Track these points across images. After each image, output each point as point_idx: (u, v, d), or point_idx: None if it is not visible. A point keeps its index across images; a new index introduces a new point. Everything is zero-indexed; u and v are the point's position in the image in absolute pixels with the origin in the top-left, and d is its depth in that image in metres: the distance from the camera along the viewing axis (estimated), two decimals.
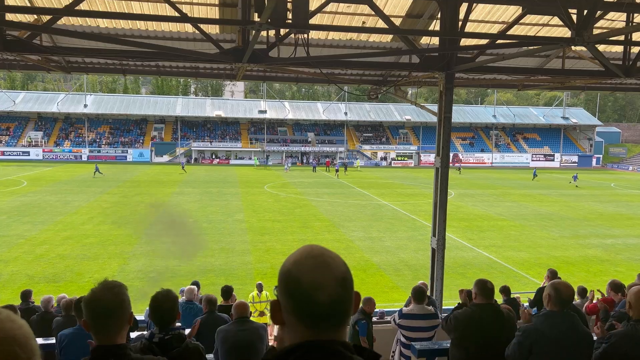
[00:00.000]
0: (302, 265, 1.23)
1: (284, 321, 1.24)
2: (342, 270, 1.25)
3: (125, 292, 2.31)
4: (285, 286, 1.22)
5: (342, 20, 8.73)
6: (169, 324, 3.04)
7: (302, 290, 1.20)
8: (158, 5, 7.85)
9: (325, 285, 1.20)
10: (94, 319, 2.21)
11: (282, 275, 1.25)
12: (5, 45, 6.91)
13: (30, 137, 64.35)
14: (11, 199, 30.86)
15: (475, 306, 4.46)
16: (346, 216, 27.83)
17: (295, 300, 1.21)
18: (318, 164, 61.94)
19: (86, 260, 17.74)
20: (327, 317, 1.21)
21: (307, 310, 1.20)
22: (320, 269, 1.22)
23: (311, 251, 1.27)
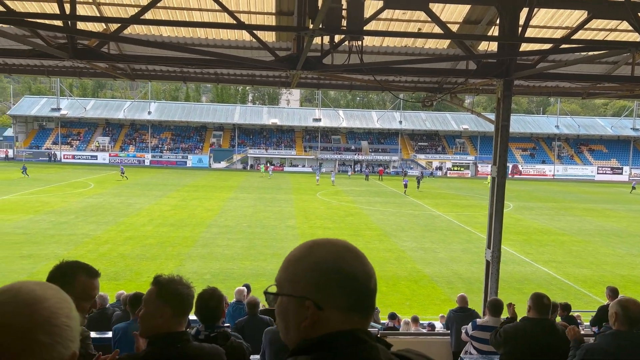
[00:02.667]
0: (349, 260, 1.21)
1: (319, 319, 1.18)
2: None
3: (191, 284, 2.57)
4: (337, 283, 1.18)
5: (398, 27, 8.68)
6: (214, 321, 3.12)
7: (360, 282, 1.19)
8: (217, 14, 8.12)
9: (372, 273, 1.23)
10: (180, 309, 2.38)
11: (329, 274, 1.19)
12: (76, 53, 7.36)
13: (98, 142, 68.09)
14: (79, 200, 32.70)
15: (526, 320, 4.25)
16: (398, 226, 27.47)
17: (354, 294, 1.19)
18: (371, 173, 61.64)
19: (145, 261, 18.46)
20: (374, 303, 1.24)
21: (365, 301, 1.21)
22: (361, 259, 1.24)
23: (341, 244, 1.26)
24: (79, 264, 2.43)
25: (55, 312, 1.00)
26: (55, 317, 1.00)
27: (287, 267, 1.24)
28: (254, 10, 8.26)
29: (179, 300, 2.37)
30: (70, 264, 2.42)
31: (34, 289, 1.02)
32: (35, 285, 1.03)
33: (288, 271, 1.23)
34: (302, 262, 1.22)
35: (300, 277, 1.20)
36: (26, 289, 1.01)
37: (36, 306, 0.99)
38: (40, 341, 0.96)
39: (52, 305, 1.01)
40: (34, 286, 1.03)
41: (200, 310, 3.16)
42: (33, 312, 0.97)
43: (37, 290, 1.02)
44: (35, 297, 1.00)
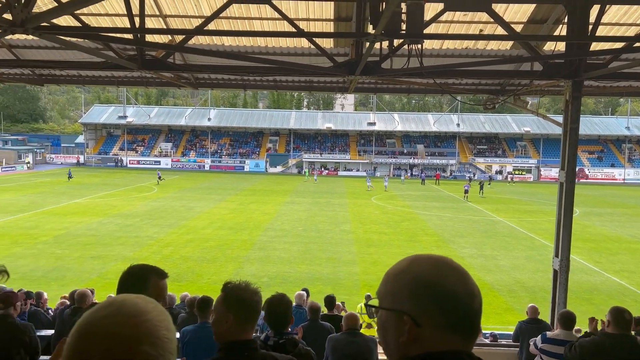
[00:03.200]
0: (450, 277, 1.19)
1: (418, 338, 1.17)
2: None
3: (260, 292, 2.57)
4: (435, 301, 1.16)
5: (458, 29, 8.49)
6: (283, 327, 3.15)
7: (461, 301, 1.17)
8: (277, 22, 8.27)
9: (476, 293, 1.20)
10: (243, 315, 2.39)
11: (426, 290, 1.17)
12: (144, 64, 7.71)
13: (161, 148, 71.08)
14: (143, 203, 34.21)
15: (605, 336, 4.01)
16: (457, 231, 26.80)
17: (454, 313, 1.16)
18: (427, 177, 60.54)
19: (205, 263, 19.03)
20: (479, 323, 1.21)
21: (465, 321, 1.17)
22: (465, 278, 1.21)
23: (443, 261, 1.24)
24: (149, 266, 2.51)
25: (157, 324, 1.03)
26: (157, 330, 1.02)
27: (387, 281, 1.24)
28: (312, 17, 8.35)
29: (241, 306, 2.39)
30: (142, 267, 2.49)
31: (136, 302, 1.05)
32: (137, 299, 1.07)
33: (388, 285, 1.23)
34: (401, 277, 1.21)
35: (399, 291, 1.20)
36: (130, 302, 1.04)
37: (140, 318, 1.01)
38: (145, 352, 0.98)
39: (154, 317, 1.03)
40: (136, 299, 1.06)
41: (270, 316, 3.20)
42: (138, 323, 1.00)
43: (139, 303, 1.05)
44: (138, 309, 1.03)
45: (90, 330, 0.99)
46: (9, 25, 5.11)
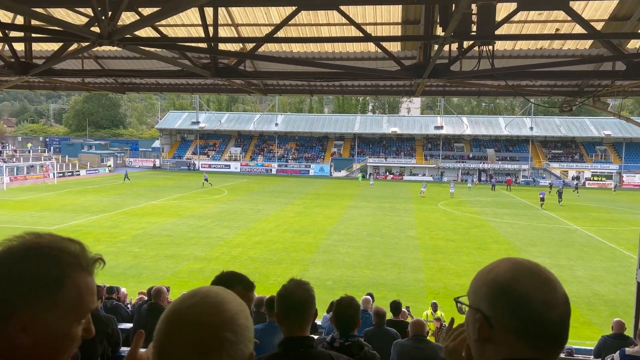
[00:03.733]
0: (526, 282, 1.17)
1: (492, 339, 1.18)
2: (563, 287, 1.21)
3: (312, 289, 2.57)
4: (506, 304, 1.16)
5: (533, 29, 8.16)
6: (350, 330, 3.18)
7: (533, 308, 1.14)
8: (344, 28, 8.34)
9: (557, 304, 1.16)
10: (287, 311, 2.46)
11: (499, 292, 1.18)
12: (217, 72, 8.05)
13: (231, 152, 73.58)
14: (214, 205, 35.52)
15: None
16: (529, 240, 25.63)
17: (523, 319, 1.14)
18: (497, 182, 58.33)
19: (272, 264, 19.45)
20: (556, 337, 1.16)
21: (537, 330, 1.14)
22: (548, 286, 1.17)
23: (528, 266, 1.21)
24: (236, 275, 2.59)
25: (237, 313, 1.11)
26: (238, 318, 1.10)
27: (473, 280, 1.28)
28: (380, 22, 8.34)
29: (283, 303, 2.48)
30: (229, 275, 2.58)
31: (218, 293, 1.14)
32: (218, 290, 1.15)
33: (472, 283, 1.26)
34: (483, 276, 1.24)
35: (478, 290, 1.22)
36: (213, 293, 1.13)
37: (222, 307, 1.09)
38: (227, 338, 1.06)
39: (235, 307, 1.12)
40: (217, 290, 1.15)
41: (337, 318, 3.24)
42: (220, 312, 1.08)
43: (221, 293, 1.14)
44: (220, 299, 1.11)
45: (177, 318, 1.08)
46: (97, 37, 5.53)
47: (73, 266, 1.11)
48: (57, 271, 1.08)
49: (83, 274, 1.13)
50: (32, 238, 1.11)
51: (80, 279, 1.12)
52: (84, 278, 1.13)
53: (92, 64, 10.39)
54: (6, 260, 1.06)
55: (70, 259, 1.11)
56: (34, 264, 1.07)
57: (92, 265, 1.16)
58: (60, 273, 1.09)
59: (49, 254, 1.09)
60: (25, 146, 74.58)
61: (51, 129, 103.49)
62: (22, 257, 1.07)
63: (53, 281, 1.07)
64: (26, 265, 1.06)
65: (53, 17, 5.57)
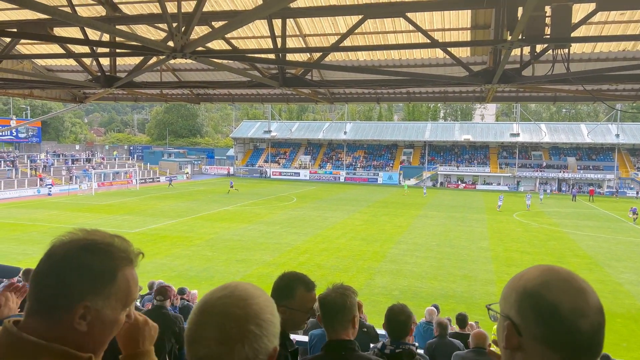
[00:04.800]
0: (556, 289, 1.14)
1: (522, 347, 1.15)
2: (597, 296, 1.16)
3: (350, 294, 2.56)
4: (534, 311, 1.13)
5: (614, 30, 7.68)
6: (401, 337, 3.14)
7: (562, 317, 1.11)
8: (411, 34, 8.28)
9: (587, 312, 1.12)
10: (323, 315, 2.51)
11: (527, 299, 1.16)
12: (285, 82, 8.26)
13: (300, 160, 74.85)
14: (284, 212, 36.22)
15: None
16: (614, 254, 23.87)
17: (551, 328, 1.11)
18: (579, 192, 54.90)
19: (338, 272, 19.49)
20: (587, 348, 1.11)
21: (566, 340, 1.11)
22: (579, 294, 1.13)
23: (559, 273, 1.17)
24: (298, 276, 2.59)
25: (263, 307, 1.18)
26: (264, 312, 1.17)
27: (505, 286, 1.26)
28: (448, 27, 8.19)
29: (322, 307, 2.51)
30: (290, 276, 2.59)
31: (247, 287, 1.22)
32: (247, 285, 1.24)
33: (504, 290, 1.25)
34: (513, 282, 1.22)
35: (509, 297, 1.21)
36: (241, 287, 1.21)
37: (249, 301, 1.17)
38: (251, 331, 1.13)
39: (261, 302, 1.19)
40: (247, 285, 1.24)
41: (389, 324, 3.22)
42: (247, 305, 1.16)
43: (249, 288, 1.22)
44: (248, 293, 1.19)
45: (207, 308, 1.17)
46: (171, 51, 5.88)
47: (123, 260, 1.23)
48: (112, 264, 1.20)
49: (130, 266, 1.25)
50: (85, 235, 1.24)
51: (128, 272, 1.24)
52: (130, 271, 1.25)
53: (169, 76, 11.02)
54: (68, 254, 1.18)
55: (120, 254, 1.23)
56: (93, 257, 1.18)
57: (137, 259, 1.27)
58: (114, 266, 1.21)
59: (103, 248, 1.21)
60: (111, 154, 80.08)
61: (135, 138, 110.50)
62: (82, 251, 1.18)
63: (108, 273, 1.19)
64: (86, 259, 1.18)
65: (133, 34, 5.99)
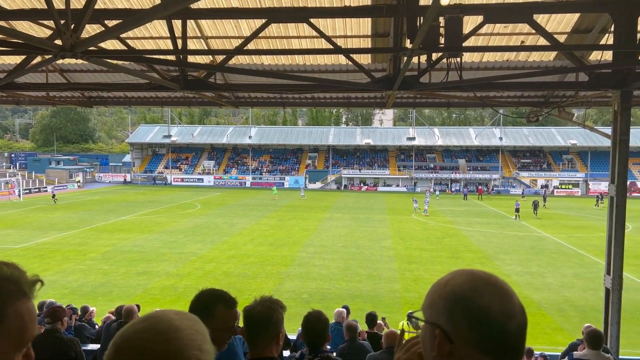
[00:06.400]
0: (484, 293, 1.14)
1: (454, 353, 1.14)
2: (518, 297, 1.19)
3: (278, 309, 2.43)
4: (465, 316, 1.13)
5: (499, 41, 8.34)
6: (320, 345, 3.10)
7: (493, 320, 1.11)
8: (315, 40, 8.37)
9: (514, 313, 1.13)
10: (248, 330, 2.37)
11: (458, 304, 1.14)
12: (186, 85, 7.94)
13: (204, 166, 72.84)
14: (187, 220, 34.98)
15: None
16: (501, 248, 26.02)
17: (483, 332, 1.11)
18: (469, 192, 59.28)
19: (246, 279, 19.18)
20: (515, 347, 1.13)
21: (497, 343, 1.11)
22: (505, 297, 1.15)
23: (483, 277, 1.18)
24: (217, 294, 2.45)
25: (188, 343, 1.03)
26: (188, 349, 1.02)
27: (428, 293, 1.23)
28: (350, 34, 8.40)
29: (246, 322, 2.38)
30: (209, 294, 2.43)
31: (170, 319, 1.06)
32: (174, 315, 1.07)
33: (428, 297, 1.22)
34: (439, 289, 1.19)
35: (435, 304, 1.18)
36: (165, 319, 1.05)
37: (170, 335, 1.01)
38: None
39: (186, 336, 1.04)
40: (173, 316, 1.07)
41: (306, 334, 3.16)
42: (167, 341, 1.00)
43: (174, 320, 1.06)
44: (171, 326, 1.03)
45: (122, 344, 1.01)
46: (59, 50, 5.38)
47: (13, 293, 1.03)
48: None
49: (24, 300, 1.05)
50: None
51: (23, 307, 1.04)
52: (25, 305, 1.05)
53: (57, 77, 10.14)
54: None
55: (9, 286, 1.03)
56: None
57: (32, 289, 1.08)
58: (2, 302, 1.01)
59: None
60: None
61: (17, 144, 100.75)
62: None
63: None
64: None
65: (14, 30, 5.40)
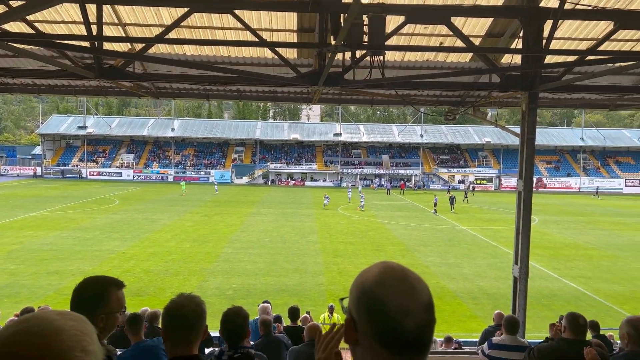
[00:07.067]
0: (387, 288, 1.15)
1: (358, 341, 1.18)
2: (427, 294, 1.19)
3: (204, 304, 2.38)
4: (366, 308, 1.16)
5: (419, 41, 8.65)
6: (238, 341, 3.06)
7: (388, 315, 1.13)
8: (240, 32, 8.23)
9: (413, 312, 1.14)
10: (175, 328, 2.25)
11: (362, 296, 1.18)
12: (102, 73, 7.52)
13: (123, 159, 69.43)
14: (104, 216, 33.24)
15: (562, 341, 4.11)
16: (421, 240, 27.15)
17: (379, 325, 1.14)
18: (392, 187, 61.32)
19: (168, 276, 18.58)
20: (412, 344, 1.14)
21: (391, 337, 1.13)
22: (408, 294, 1.15)
23: (394, 271, 1.20)
24: (106, 277, 2.42)
25: (70, 345, 0.95)
26: (69, 351, 0.95)
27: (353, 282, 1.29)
28: (275, 28, 8.34)
29: (170, 320, 2.29)
30: (100, 280, 2.38)
31: (53, 320, 0.98)
32: (56, 316, 0.99)
33: (351, 285, 1.27)
34: (357, 279, 1.25)
35: (351, 292, 1.24)
36: (45, 320, 0.97)
37: (50, 338, 0.94)
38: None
39: (68, 338, 0.96)
40: (56, 316, 0.99)
41: (224, 330, 3.10)
42: (45, 344, 0.93)
43: (56, 321, 0.98)
44: (51, 328, 0.96)
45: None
46: None
47: None
48: None
49: None
50: None
51: None
52: None
53: None
54: None
55: None
56: None
57: None
58: None
59: None
60: None
61: None
62: None
63: None
64: None
65: None
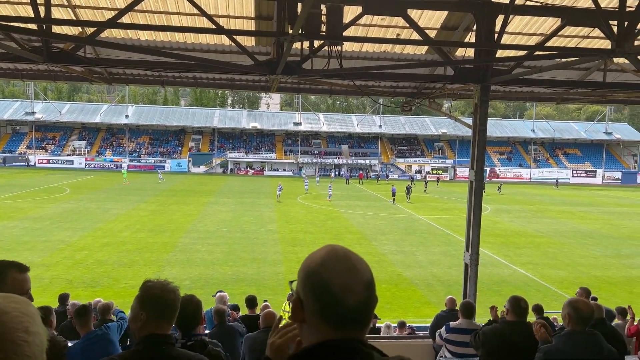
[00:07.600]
0: (331, 269, 1.24)
1: (305, 320, 1.26)
2: (368, 273, 1.29)
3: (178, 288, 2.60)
4: (311, 288, 1.24)
5: (377, 33, 8.75)
6: (191, 329, 3.08)
7: (332, 294, 1.21)
8: (196, 18, 8.08)
9: (354, 290, 1.23)
10: (159, 311, 2.39)
11: (308, 277, 1.26)
12: (50, 57, 7.23)
13: (74, 147, 66.88)
14: (54, 205, 32.04)
15: (505, 323, 4.33)
16: (378, 229, 27.61)
17: (323, 303, 1.22)
18: (351, 176, 61.89)
19: (123, 267, 18.17)
20: (353, 320, 1.24)
21: (334, 314, 1.22)
22: (350, 273, 1.24)
23: (337, 253, 1.28)
24: (8, 261, 2.56)
25: (12, 326, 0.97)
26: (11, 332, 0.97)
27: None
28: (233, 15, 8.24)
29: (154, 304, 2.40)
30: (0, 262, 2.54)
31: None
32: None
33: (299, 269, 1.33)
34: (304, 262, 1.31)
35: (299, 274, 1.30)
36: None
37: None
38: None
39: (10, 320, 0.98)
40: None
41: (178, 318, 3.11)
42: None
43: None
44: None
45: None
46: None
47: None
48: None
49: None
50: None
51: None
52: None
53: None
54: None
55: None
56: None
57: None
58: None
59: None
60: None
61: None
62: None
63: None
64: None
65: None
